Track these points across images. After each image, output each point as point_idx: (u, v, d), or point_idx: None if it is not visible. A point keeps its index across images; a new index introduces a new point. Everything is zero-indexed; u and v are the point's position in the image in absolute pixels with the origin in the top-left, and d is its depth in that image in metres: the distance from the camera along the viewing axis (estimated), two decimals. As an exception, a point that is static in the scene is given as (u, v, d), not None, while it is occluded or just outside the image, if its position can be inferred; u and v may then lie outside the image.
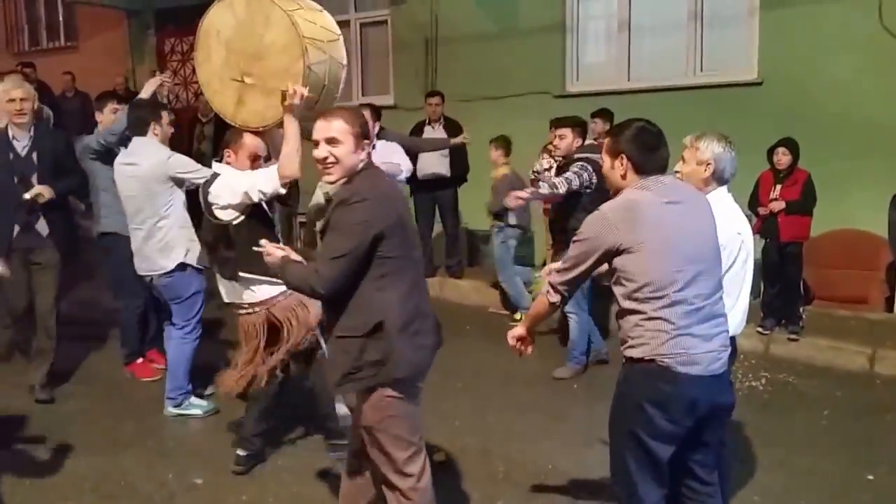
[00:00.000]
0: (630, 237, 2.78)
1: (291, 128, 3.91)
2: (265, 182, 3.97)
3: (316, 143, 3.00)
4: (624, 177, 2.94)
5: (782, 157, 6.75)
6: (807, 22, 7.90)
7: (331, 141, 2.97)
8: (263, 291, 4.11)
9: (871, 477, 4.44)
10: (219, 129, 7.07)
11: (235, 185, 4.01)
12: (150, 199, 5.11)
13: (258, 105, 4.06)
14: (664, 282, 2.76)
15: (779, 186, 6.79)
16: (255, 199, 4.00)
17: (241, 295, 4.17)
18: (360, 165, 3.02)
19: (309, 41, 3.90)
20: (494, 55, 9.57)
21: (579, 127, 6.32)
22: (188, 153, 8.34)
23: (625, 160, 2.92)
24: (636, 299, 2.81)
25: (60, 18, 14.30)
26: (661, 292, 2.76)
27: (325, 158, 2.98)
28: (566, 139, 6.23)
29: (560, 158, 6.55)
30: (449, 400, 5.46)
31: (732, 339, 3.51)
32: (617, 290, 2.89)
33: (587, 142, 6.50)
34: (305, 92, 3.85)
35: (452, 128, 8.49)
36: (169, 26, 12.60)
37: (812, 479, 4.40)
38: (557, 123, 6.47)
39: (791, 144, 6.76)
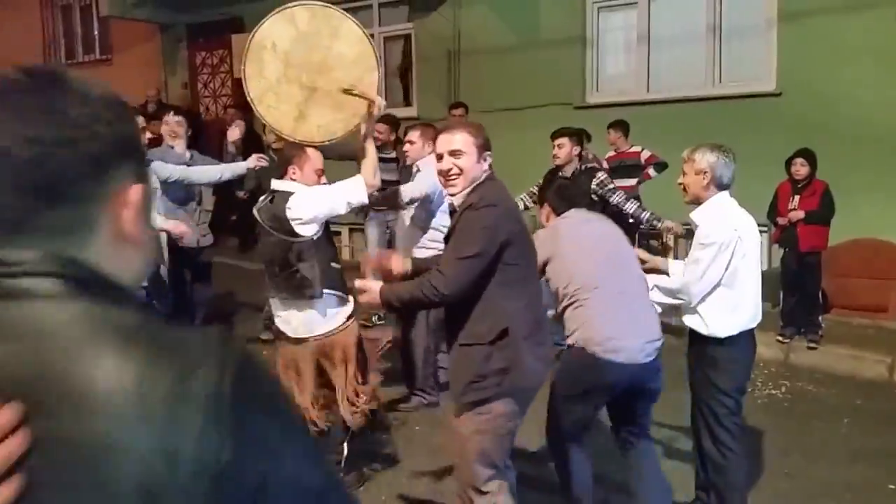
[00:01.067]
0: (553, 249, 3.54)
1: (371, 138, 3.92)
2: (353, 193, 3.85)
3: (440, 157, 3.05)
4: (548, 219, 3.82)
5: (800, 168, 6.69)
6: (825, 33, 7.84)
7: (454, 153, 3.01)
8: (340, 317, 3.89)
9: (892, 486, 4.39)
10: (246, 142, 7.09)
11: (322, 198, 3.80)
12: None
13: (324, 119, 3.90)
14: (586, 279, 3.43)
15: (797, 197, 6.74)
16: (344, 211, 3.87)
17: (314, 320, 3.85)
18: (483, 176, 3.04)
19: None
20: (516, 67, 9.58)
21: (576, 136, 6.56)
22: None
23: (547, 207, 3.82)
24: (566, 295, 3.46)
25: (95, 32, 14.51)
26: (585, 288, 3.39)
27: (450, 170, 3.02)
28: (564, 148, 6.46)
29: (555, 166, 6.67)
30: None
31: (752, 332, 3.59)
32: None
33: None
34: (384, 104, 3.87)
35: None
36: (200, 40, 12.74)
37: (831, 488, 4.35)
38: (556, 134, 6.63)
39: (809, 155, 6.70)
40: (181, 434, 0.77)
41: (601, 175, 6.45)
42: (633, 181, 8.23)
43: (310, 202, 3.79)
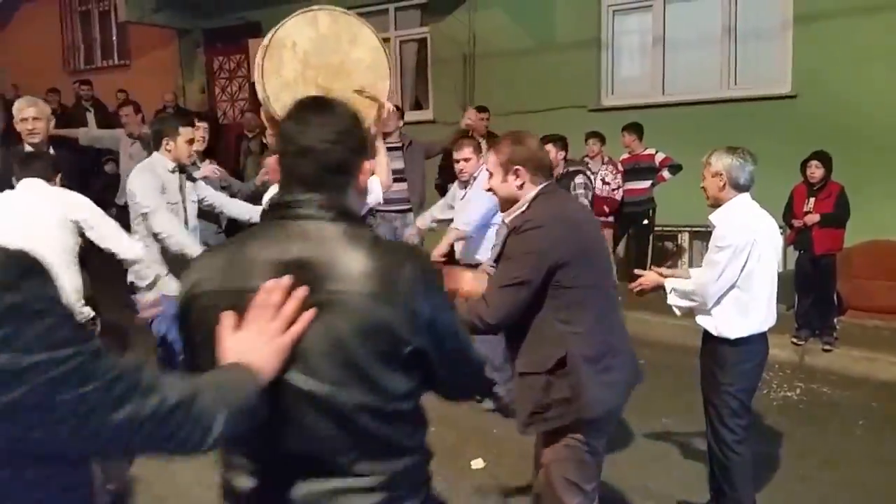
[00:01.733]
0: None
1: (381, 140, 4.00)
2: (371, 194, 3.89)
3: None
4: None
5: (815, 171, 6.66)
6: (841, 34, 7.81)
7: (490, 175, 2.96)
8: None
9: (906, 488, 4.36)
10: (264, 144, 7.15)
11: None
12: None
13: None
14: None
15: (812, 199, 6.72)
16: (360, 211, 3.92)
17: None
18: (533, 192, 2.86)
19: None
20: (531, 70, 9.61)
21: (560, 141, 6.75)
22: (234, 170, 8.48)
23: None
24: None
25: (114, 38, 14.64)
26: None
27: (489, 190, 2.98)
28: (550, 153, 6.52)
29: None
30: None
31: (764, 335, 3.59)
32: None
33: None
34: (392, 108, 3.96)
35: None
36: (217, 44, 12.83)
37: (847, 491, 4.33)
38: (542, 141, 6.79)
39: (824, 158, 6.67)
40: (411, 300, 1.55)
41: (580, 178, 6.59)
42: (647, 183, 8.24)
43: None
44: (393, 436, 1.61)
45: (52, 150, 5.12)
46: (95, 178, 9.91)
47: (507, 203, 2.94)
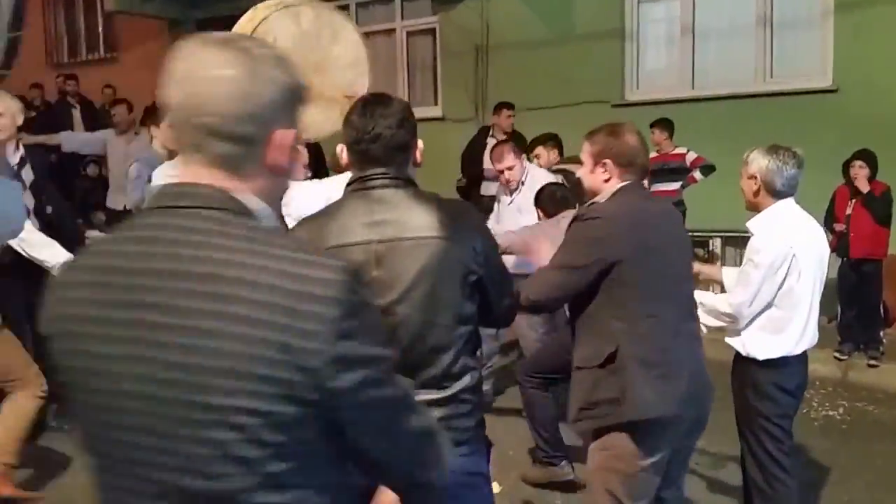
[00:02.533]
0: None
1: None
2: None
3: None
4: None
5: (859, 171, 6.64)
6: (885, 24, 7.81)
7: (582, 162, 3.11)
8: None
9: (960, 515, 4.34)
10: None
11: (319, 193, 3.89)
12: None
13: (316, 117, 4.18)
14: None
15: (854, 201, 6.69)
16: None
17: None
18: (615, 187, 2.96)
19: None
20: (549, 63, 9.61)
21: (552, 140, 7.28)
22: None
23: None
24: None
25: (100, 29, 14.71)
26: None
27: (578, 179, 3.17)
28: (542, 157, 7.14)
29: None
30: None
31: (802, 356, 3.53)
32: None
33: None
34: None
35: (518, 142, 8.52)
36: (210, 36, 12.86)
37: (895, 517, 4.32)
38: (533, 143, 7.40)
39: (868, 157, 6.65)
40: (471, 240, 2.23)
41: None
42: (676, 185, 8.20)
43: (306, 197, 3.90)
44: (462, 353, 2.26)
45: (20, 149, 5.22)
46: (80, 181, 9.98)
47: (590, 193, 3.06)
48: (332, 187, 3.97)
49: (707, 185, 7.93)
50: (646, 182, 3.44)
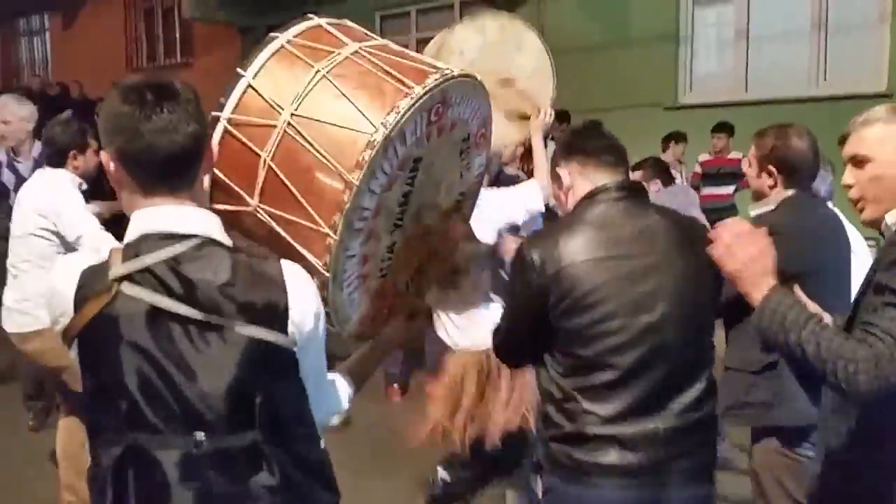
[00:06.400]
0: None
1: (541, 144, 4.01)
2: (531, 199, 3.79)
3: None
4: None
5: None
6: (944, 28, 7.50)
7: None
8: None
9: None
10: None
11: (501, 203, 3.75)
12: None
13: (499, 127, 4.25)
14: None
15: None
16: (522, 220, 3.83)
17: (471, 330, 3.67)
18: (783, 196, 2.87)
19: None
20: (603, 66, 9.49)
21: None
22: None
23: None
24: None
25: (177, 35, 14.97)
26: None
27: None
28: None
29: None
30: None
31: None
32: None
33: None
34: (552, 114, 4.02)
35: None
36: (279, 41, 13.00)
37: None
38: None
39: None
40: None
41: None
42: (729, 189, 8.02)
43: (488, 207, 3.70)
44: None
45: (33, 152, 5.15)
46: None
47: (757, 195, 3.00)
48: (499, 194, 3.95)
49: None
50: (814, 187, 3.19)
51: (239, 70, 1.68)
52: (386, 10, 12.05)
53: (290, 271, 1.47)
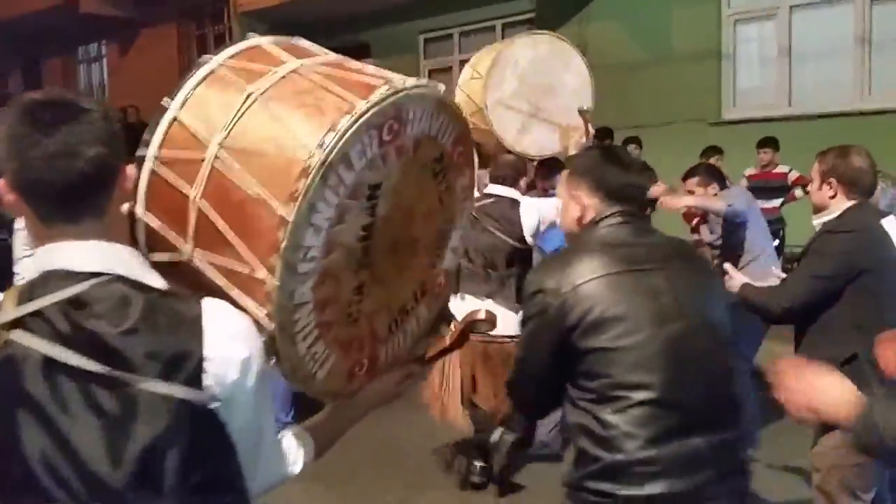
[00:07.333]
0: None
1: None
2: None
3: None
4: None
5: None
6: None
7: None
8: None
9: None
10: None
11: (553, 211, 3.99)
12: None
13: (541, 135, 4.59)
14: None
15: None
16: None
17: (513, 322, 3.90)
18: (845, 206, 3.08)
19: None
20: (646, 82, 9.49)
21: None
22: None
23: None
24: None
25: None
26: None
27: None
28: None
29: None
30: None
31: None
32: None
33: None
34: (593, 133, 4.33)
35: None
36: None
37: None
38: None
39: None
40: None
41: None
42: (776, 202, 7.94)
43: (544, 213, 4.14)
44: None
45: None
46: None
47: (817, 208, 3.23)
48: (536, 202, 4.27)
49: (807, 203, 7.62)
50: (872, 201, 3.42)
51: (164, 100, 1.44)
52: (430, 32, 12.17)
53: (212, 312, 1.24)
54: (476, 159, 2.98)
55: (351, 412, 1.61)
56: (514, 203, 4.23)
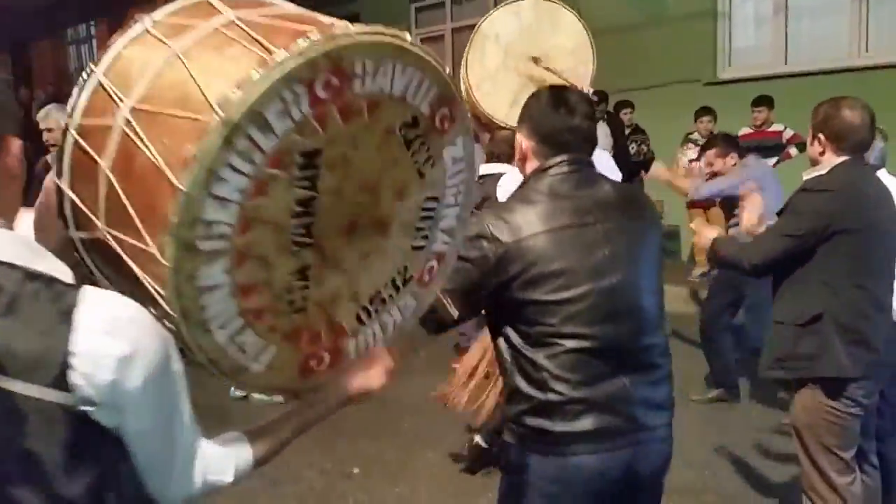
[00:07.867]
0: None
1: None
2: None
3: None
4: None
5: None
6: None
7: None
8: None
9: None
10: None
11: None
12: None
13: None
14: None
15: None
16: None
17: None
18: (834, 163, 2.99)
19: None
20: (640, 43, 9.37)
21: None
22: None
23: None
24: None
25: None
26: None
27: None
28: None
29: None
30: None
31: None
32: None
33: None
34: (590, 92, 4.10)
35: (613, 122, 8.33)
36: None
37: None
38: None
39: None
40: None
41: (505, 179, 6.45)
42: (770, 161, 7.87)
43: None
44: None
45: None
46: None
47: (812, 162, 3.14)
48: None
49: (801, 161, 7.57)
50: (867, 156, 3.28)
51: (90, 65, 1.27)
52: (420, 1, 12.01)
53: (90, 303, 1.05)
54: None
55: (308, 413, 1.43)
56: (496, 178, 4.05)
